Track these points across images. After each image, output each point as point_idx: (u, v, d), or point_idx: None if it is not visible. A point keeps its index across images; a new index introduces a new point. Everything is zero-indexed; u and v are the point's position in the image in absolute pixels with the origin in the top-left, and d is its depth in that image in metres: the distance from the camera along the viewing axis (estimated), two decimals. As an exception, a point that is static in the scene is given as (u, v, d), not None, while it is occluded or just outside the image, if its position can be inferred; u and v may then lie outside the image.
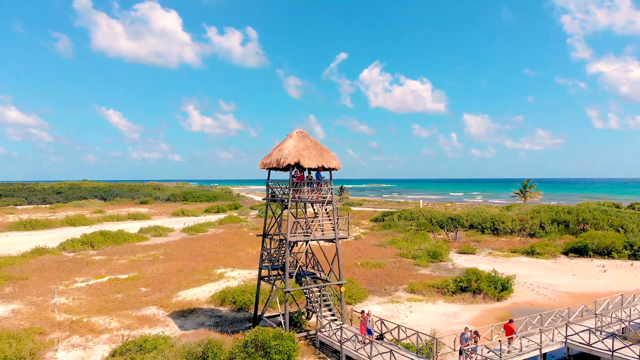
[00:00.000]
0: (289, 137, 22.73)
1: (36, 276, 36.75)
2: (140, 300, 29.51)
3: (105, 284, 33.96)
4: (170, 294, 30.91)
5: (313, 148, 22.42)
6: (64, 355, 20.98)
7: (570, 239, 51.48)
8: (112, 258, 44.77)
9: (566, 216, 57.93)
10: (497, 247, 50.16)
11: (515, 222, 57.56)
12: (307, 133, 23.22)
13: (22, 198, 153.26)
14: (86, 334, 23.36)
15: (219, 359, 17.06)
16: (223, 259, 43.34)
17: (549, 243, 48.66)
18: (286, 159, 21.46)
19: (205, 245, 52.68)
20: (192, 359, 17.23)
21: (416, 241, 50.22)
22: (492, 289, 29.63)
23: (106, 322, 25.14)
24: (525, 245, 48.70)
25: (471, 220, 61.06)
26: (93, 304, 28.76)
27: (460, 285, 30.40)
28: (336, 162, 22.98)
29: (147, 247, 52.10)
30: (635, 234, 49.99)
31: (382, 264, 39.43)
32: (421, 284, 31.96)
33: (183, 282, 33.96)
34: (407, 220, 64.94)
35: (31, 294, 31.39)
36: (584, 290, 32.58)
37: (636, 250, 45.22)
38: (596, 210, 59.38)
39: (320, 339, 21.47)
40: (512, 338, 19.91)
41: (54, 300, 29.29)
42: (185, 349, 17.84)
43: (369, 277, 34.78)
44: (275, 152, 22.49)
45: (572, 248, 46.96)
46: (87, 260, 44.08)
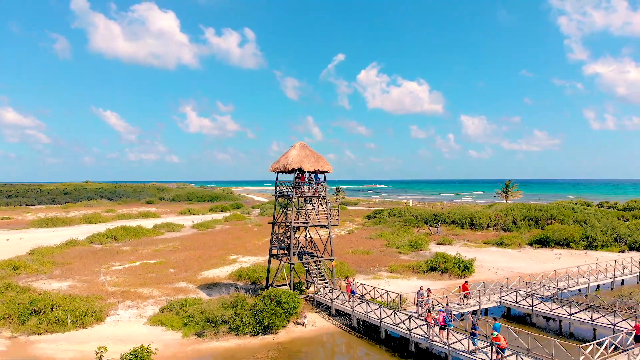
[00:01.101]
0: (293, 148, 29.66)
1: (77, 262, 43.57)
2: (171, 278, 36.42)
3: (138, 267, 40.83)
4: (195, 273, 37.83)
5: (311, 156, 29.37)
6: (123, 312, 27.84)
7: (538, 232, 58.48)
8: (137, 248, 51.63)
9: (536, 213, 65.02)
10: (472, 239, 57.20)
11: (491, 218, 64.66)
12: (307, 144, 30.16)
13: (32, 198, 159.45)
14: (136, 299, 30.24)
15: (244, 307, 23.99)
16: (233, 249, 50.23)
17: (517, 235, 55.74)
18: (291, 164, 28.41)
19: (216, 238, 59.56)
20: (225, 306, 24.16)
21: (401, 234, 57.20)
22: (456, 269, 36.63)
23: (149, 291, 32.05)
24: (496, 238, 55.74)
25: (452, 217, 68.11)
26: (134, 280, 35.63)
27: (431, 266, 37.42)
28: (329, 167, 29.94)
29: (164, 240, 58.94)
30: (595, 227, 56.99)
31: (369, 251, 46.44)
32: (399, 266, 38.97)
33: (203, 265, 40.88)
34: (396, 217, 71.95)
35: (79, 274, 38.18)
36: (534, 272, 39.49)
37: (591, 242, 52.31)
38: (564, 208, 66.47)
39: (317, 299, 28.45)
40: (467, 294, 27.22)
41: (101, 277, 36.23)
42: (220, 301, 24.78)
43: (357, 261, 41.72)
44: (282, 159, 29.42)
45: (537, 240, 54.05)
46: (116, 250, 50.92)
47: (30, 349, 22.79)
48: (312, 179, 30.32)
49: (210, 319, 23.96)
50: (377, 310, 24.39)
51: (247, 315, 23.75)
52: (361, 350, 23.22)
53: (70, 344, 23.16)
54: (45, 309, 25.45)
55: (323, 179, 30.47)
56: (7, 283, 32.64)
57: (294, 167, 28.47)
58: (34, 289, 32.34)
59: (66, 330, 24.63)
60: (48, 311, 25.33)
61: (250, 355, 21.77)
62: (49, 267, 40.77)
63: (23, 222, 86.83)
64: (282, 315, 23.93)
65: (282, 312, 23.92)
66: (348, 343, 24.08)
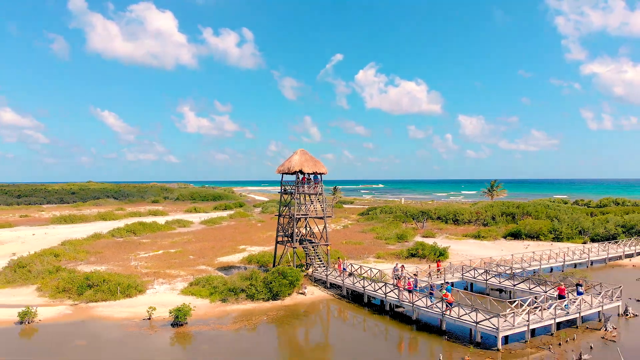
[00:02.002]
0: (295, 154, 36.31)
1: (107, 251, 50.12)
2: (192, 262, 43.04)
3: (161, 255, 47.42)
4: (211, 259, 44.45)
5: (310, 160, 36.03)
6: (159, 286, 34.43)
7: (513, 226, 65.20)
8: (156, 241, 58.20)
9: (514, 210, 71.78)
10: (454, 233, 63.91)
11: (472, 214, 71.40)
12: (306, 151, 36.80)
13: (41, 198, 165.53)
14: (166, 277, 36.84)
15: (258, 279, 30.64)
16: (241, 241, 56.83)
17: (493, 229, 62.48)
18: (294, 167, 35.06)
19: (224, 232, 66.16)
20: (243, 279, 30.82)
21: (390, 229, 63.88)
22: (433, 255, 43.32)
23: (176, 272, 38.66)
24: (475, 231, 62.47)
25: (438, 213, 74.83)
26: (161, 264, 42.22)
27: (411, 252, 44.12)
28: (325, 169, 36.59)
29: (178, 234, 65.53)
30: (563, 222, 63.68)
31: (361, 242, 53.12)
32: (385, 253, 45.65)
33: (217, 253, 47.50)
34: (387, 213, 78.66)
35: (112, 260, 44.73)
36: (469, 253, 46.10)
37: (558, 234, 59.06)
38: (539, 205, 73.28)
39: (315, 276, 35.13)
40: (439, 269, 34.02)
41: (133, 262, 42.82)
42: (238, 275, 31.42)
43: (350, 250, 48.37)
44: (287, 163, 36.06)
45: (510, 233, 60.79)
46: (137, 242, 57.47)
47: (91, 312, 29.36)
48: (311, 179, 36.96)
49: (231, 288, 30.62)
50: (361, 282, 31.05)
51: (260, 285, 30.41)
52: (349, 312, 29.85)
53: (123, 308, 29.75)
54: (99, 283, 32.08)
55: (320, 179, 37.12)
56: (56, 266, 39.29)
57: (296, 170, 35.13)
58: (78, 271, 38.88)
59: (117, 298, 31.21)
60: (101, 284, 31.94)
61: (263, 314, 28.43)
62: (84, 255, 47.33)
63: (41, 220, 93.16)
64: (287, 285, 30.60)
65: (287, 283, 30.59)
66: (339, 307, 30.73)
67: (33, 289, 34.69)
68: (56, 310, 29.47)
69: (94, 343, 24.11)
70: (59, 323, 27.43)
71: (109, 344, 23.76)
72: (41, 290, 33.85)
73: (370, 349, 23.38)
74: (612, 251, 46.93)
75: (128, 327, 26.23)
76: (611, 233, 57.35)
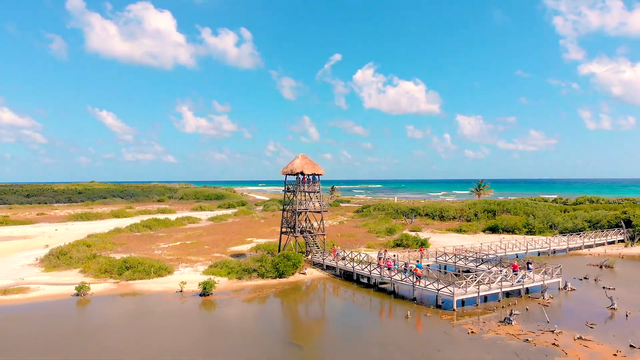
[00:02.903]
0: (297, 158, 43.11)
1: (130, 242, 56.85)
2: (208, 251, 49.82)
3: (179, 246, 54.19)
4: (224, 248, 51.25)
5: (309, 163, 42.85)
6: (183, 269, 41.20)
7: (492, 222, 72.11)
8: (171, 234, 64.96)
9: (495, 207, 78.68)
10: (439, 227, 70.81)
11: (457, 211, 78.30)
12: (306, 155, 43.62)
13: (49, 197, 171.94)
14: (188, 262, 43.63)
15: (267, 261, 37.48)
16: (248, 234, 63.62)
17: (474, 224, 69.39)
18: (296, 169, 41.89)
19: (231, 228, 72.96)
20: (255, 261, 37.65)
21: (381, 224, 70.73)
22: (415, 244, 50.17)
23: (196, 258, 45.46)
24: (457, 226, 69.37)
25: (426, 210, 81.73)
26: (181, 253, 48.99)
27: (397, 242, 50.97)
28: (322, 170, 43.41)
29: (189, 229, 72.29)
30: (538, 218, 70.52)
31: (354, 235, 59.97)
32: (375, 243, 52.50)
33: (229, 244, 54.29)
34: (380, 211, 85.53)
35: (137, 250, 51.44)
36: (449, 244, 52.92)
37: (531, 228, 65.95)
38: (518, 203, 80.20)
39: (314, 260, 41.99)
40: (422, 255, 40.85)
41: (157, 251, 49.59)
42: (251, 258, 38.25)
43: (344, 241, 55.20)
44: (290, 165, 42.88)
45: (489, 227, 67.70)
46: (155, 235, 64.23)
47: (132, 287, 36.11)
48: (310, 179, 43.78)
49: (245, 269, 37.45)
50: (351, 263, 37.90)
51: (269, 266, 37.23)
52: (342, 287, 36.65)
53: (157, 284, 36.52)
54: (135, 265, 38.86)
55: (318, 179, 43.96)
56: (93, 254, 46.03)
57: (297, 171, 41.97)
58: (112, 258, 45.61)
59: (151, 277, 37.97)
60: (137, 266, 38.71)
61: (271, 288, 35.25)
62: (112, 245, 54.06)
63: (57, 217, 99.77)
64: (291, 266, 37.44)
65: (291, 264, 37.42)
66: (334, 284, 37.54)
67: (76, 272, 41.39)
68: (102, 286, 36.22)
69: (141, 307, 30.92)
70: (107, 295, 34.20)
71: (154, 308, 30.57)
72: (84, 272, 40.59)
73: (357, 314, 30.24)
74: (573, 242, 53.85)
75: (165, 297, 33.02)
76: (578, 227, 64.26)
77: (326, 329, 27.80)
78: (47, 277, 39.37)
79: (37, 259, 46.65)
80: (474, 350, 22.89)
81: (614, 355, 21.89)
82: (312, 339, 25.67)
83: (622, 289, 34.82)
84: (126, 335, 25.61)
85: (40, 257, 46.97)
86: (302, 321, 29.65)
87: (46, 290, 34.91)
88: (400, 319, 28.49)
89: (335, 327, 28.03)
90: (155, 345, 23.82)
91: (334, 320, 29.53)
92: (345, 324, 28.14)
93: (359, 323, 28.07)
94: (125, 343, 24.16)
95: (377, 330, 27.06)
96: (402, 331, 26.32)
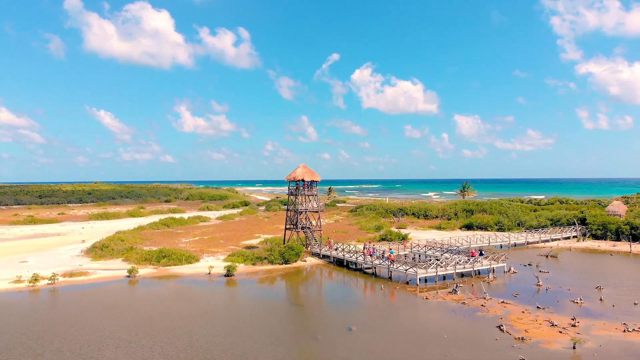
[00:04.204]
0: (298, 167, 52.86)
1: (156, 238, 66.49)
2: (223, 244, 59.52)
3: (198, 240, 63.87)
4: (237, 242, 60.96)
5: (309, 172, 52.61)
6: (207, 258, 50.87)
7: (468, 220, 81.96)
8: (188, 231, 74.64)
9: (473, 207, 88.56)
10: (422, 225, 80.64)
11: (439, 211, 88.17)
12: (306, 165, 53.37)
13: (62, 198, 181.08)
14: (210, 253, 53.32)
15: (275, 251, 47.27)
16: (255, 231, 73.35)
17: (452, 222, 79.24)
18: (298, 177, 51.70)
19: (239, 225, 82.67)
20: (265, 250, 47.44)
21: (372, 222, 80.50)
22: (397, 239, 59.96)
23: (215, 250, 55.17)
24: (438, 224, 79.19)
25: (413, 210, 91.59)
26: (201, 246, 58.66)
27: (382, 237, 60.77)
28: (319, 177, 53.20)
29: (202, 227, 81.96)
30: (509, 217, 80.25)
31: (347, 231, 69.70)
32: (364, 238, 62.29)
33: (240, 239, 64.00)
34: (372, 210, 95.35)
35: (163, 244, 61.00)
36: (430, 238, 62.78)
37: (502, 226, 75.80)
38: (494, 203, 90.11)
39: (312, 251, 51.81)
40: (405, 246, 50.66)
41: (182, 245, 59.27)
42: (262, 248, 48.04)
43: (338, 236, 64.95)
44: (292, 173, 52.62)
45: (465, 225, 77.55)
46: (174, 232, 73.89)
47: (169, 271, 45.75)
48: (309, 184, 53.52)
49: (258, 256, 47.20)
50: (342, 252, 47.65)
51: (277, 254, 46.97)
52: (334, 272, 46.36)
53: (189, 269, 46.19)
54: (169, 254, 48.55)
55: (315, 184, 53.72)
56: (130, 246, 55.68)
57: (298, 179, 51.74)
58: (147, 250, 55.19)
59: (182, 264, 47.63)
60: (171, 255, 48.40)
61: (279, 271, 45.01)
62: (141, 240, 63.69)
63: (78, 217, 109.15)
64: (294, 255, 47.18)
65: (294, 253, 47.17)
66: (328, 269, 47.28)
67: (119, 261, 50.98)
68: (145, 270, 45.88)
69: (180, 284, 40.65)
70: (150, 277, 43.88)
71: (190, 284, 40.30)
72: (127, 260, 50.21)
73: (346, 290, 40.02)
74: (530, 237, 63.74)
75: (197, 278, 42.74)
76: (542, 225, 74.20)
77: (321, 297, 37.60)
78: (97, 264, 48.99)
79: (81, 251, 56.27)
80: (425, 309, 32.74)
81: (522, 312, 31.63)
82: (310, 302, 35.50)
83: (554, 273, 44.67)
84: (177, 300, 35.33)
85: (84, 249, 56.62)
86: (303, 292, 39.41)
87: (102, 274, 44.56)
88: (377, 291, 38.27)
89: (328, 296, 37.84)
90: (198, 306, 33.55)
91: (328, 292, 39.31)
92: (336, 294, 37.95)
93: (347, 294, 37.90)
94: (177, 306, 33.86)
95: (360, 299, 36.89)
96: (379, 299, 36.14)
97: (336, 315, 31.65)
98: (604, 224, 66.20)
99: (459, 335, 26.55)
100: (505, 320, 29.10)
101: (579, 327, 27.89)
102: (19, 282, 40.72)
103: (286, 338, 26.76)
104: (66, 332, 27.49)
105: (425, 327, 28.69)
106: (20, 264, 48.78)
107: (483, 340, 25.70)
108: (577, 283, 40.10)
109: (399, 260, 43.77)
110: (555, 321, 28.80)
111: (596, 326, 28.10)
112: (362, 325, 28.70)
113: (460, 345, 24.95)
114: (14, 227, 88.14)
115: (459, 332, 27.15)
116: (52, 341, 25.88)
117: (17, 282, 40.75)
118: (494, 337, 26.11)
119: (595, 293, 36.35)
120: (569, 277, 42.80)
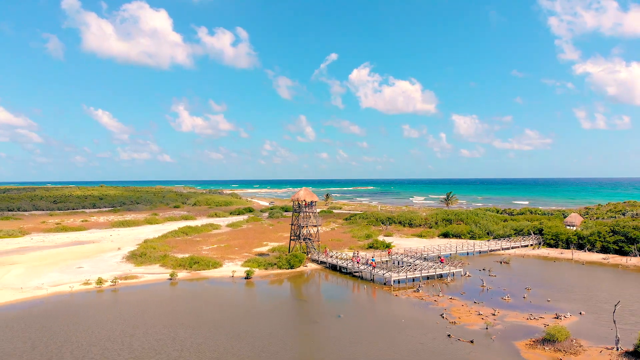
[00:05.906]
0: (300, 190, 65.61)
1: (179, 245, 79.07)
2: (239, 251, 72.20)
3: (216, 248, 76.50)
4: (249, 250, 73.66)
5: (309, 194, 65.40)
6: (228, 263, 63.53)
7: (445, 229, 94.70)
8: (206, 239, 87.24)
9: (452, 216, 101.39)
10: (406, 233, 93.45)
11: (422, 219, 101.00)
12: (308, 188, 66.11)
13: (76, 203, 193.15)
14: (229, 259, 65.97)
15: (282, 259, 60.02)
16: (263, 239, 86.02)
17: (432, 231, 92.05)
18: (300, 198, 64.51)
19: (248, 233, 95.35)
20: (274, 258, 60.21)
21: (363, 230, 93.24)
22: (383, 247, 72.72)
23: (233, 256, 67.86)
24: (419, 232, 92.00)
25: (400, 219, 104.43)
26: (221, 253, 71.29)
27: (370, 245, 73.59)
28: (317, 198, 66.03)
29: (216, 234, 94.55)
30: (480, 226, 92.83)
31: (341, 239, 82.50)
32: (355, 246, 75.09)
33: (251, 246, 76.70)
34: (364, 219, 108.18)
35: (188, 251, 73.57)
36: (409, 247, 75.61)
37: (473, 235, 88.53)
38: (471, 213, 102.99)
39: (312, 257, 64.64)
40: (389, 254, 63.49)
41: (204, 252, 71.93)
42: (272, 255, 60.79)
43: (333, 244, 77.67)
44: (296, 195, 65.36)
45: (442, 233, 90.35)
46: (193, 240, 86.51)
47: (200, 274, 58.34)
48: (309, 204, 66.23)
49: (269, 262, 59.95)
50: (336, 259, 60.41)
51: (284, 261, 59.69)
52: (330, 275, 59.01)
53: (215, 272, 58.82)
54: (199, 260, 61.23)
55: (314, 204, 66.50)
56: (165, 254, 68.30)
57: (301, 200, 64.52)
58: (179, 257, 67.68)
59: (210, 269, 60.22)
60: (200, 261, 61.05)
61: (286, 274, 57.73)
62: (169, 248, 76.24)
63: (100, 224, 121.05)
64: (298, 261, 59.93)
65: (298, 260, 59.92)
66: (325, 273, 59.95)
67: (157, 266, 63.46)
68: (181, 274, 58.45)
69: (211, 285, 53.32)
70: (186, 279, 56.49)
71: (219, 284, 52.97)
72: (164, 266, 62.75)
73: (338, 289, 52.81)
74: (493, 245, 76.56)
75: (223, 280, 55.38)
76: (507, 234, 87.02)
77: (320, 294, 50.37)
78: (141, 269, 61.54)
79: (123, 258, 68.80)
80: (394, 303, 45.53)
81: (462, 305, 44.30)
82: (310, 297, 48.28)
83: (501, 276, 57.35)
84: (212, 297, 47.94)
85: (125, 256, 69.18)
86: (305, 290, 52.12)
87: (148, 277, 57.11)
88: (361, 290, 51.02)
89: (324, 293, 50.60)
90: (227, 301, 46.21)
91: (325, 291, 52.06)
92: (330, 291, 50.75)
93: (338, 291, 50.70)
94: (213, 301, 46.49)
95: (348, 295, 49.66)
96: (362, 296, 48.91)
97: (330, 307, 44.39)
98: (557, 234, 78.95)
99: (413, 320, 39.33)
100: (448, 311, 41.80)
101: (497, 315, 40.60)
102: (87, 284, 53.26)
103: (293, 322, 39.53)
104: (142, 320, 40.16)
105: (392, 315, 41.45)
106: (77, 270, 61.21)
107: (427, 323, 38.46)
108: (514, 284, 52.79)
109: (380, 266, 56.59)
110: (482, 312, 41.55)
111: (509, 315, 40.78)
112: (349, 313, 41.46)
113: (411, 326, 37.71)
114: (49, 234, 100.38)
115: (413, 318, 39.93)
116: (138, 326, 38.52)
117: (85, 284, 53.29)
118: (436, 322, 38.86)
119: (523, 292, 49.05)
120: (510, 279, 55.54)
